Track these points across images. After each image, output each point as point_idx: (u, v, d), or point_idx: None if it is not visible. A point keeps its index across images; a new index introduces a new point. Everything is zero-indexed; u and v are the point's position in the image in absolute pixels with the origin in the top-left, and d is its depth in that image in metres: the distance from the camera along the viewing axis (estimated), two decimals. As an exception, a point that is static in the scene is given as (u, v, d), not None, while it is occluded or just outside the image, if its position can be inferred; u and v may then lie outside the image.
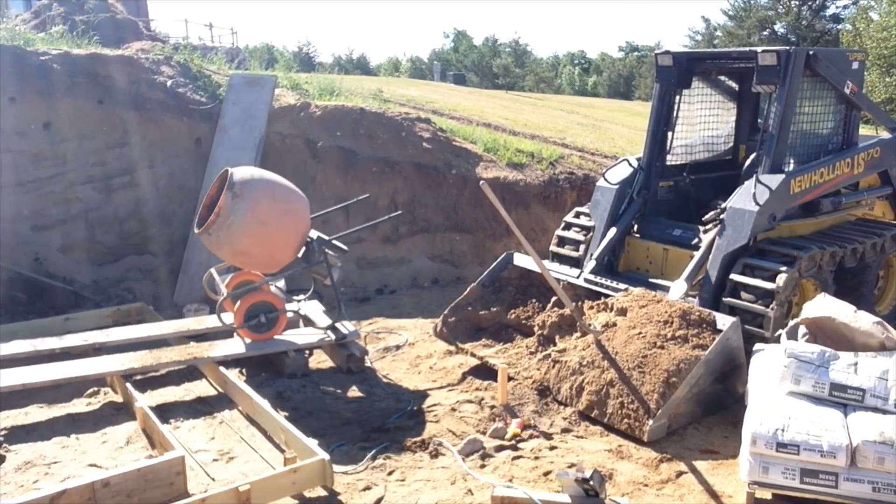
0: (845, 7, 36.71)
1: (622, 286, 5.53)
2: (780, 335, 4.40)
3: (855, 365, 3.83)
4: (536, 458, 4.24)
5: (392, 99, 12.39)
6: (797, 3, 37.77)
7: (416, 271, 8.30)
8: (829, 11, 37.74)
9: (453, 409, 4.84)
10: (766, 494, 3.74)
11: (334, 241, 5.52)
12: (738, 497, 3.83)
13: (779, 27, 38.19)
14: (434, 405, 4.96)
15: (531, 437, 4.50)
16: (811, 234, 5.73)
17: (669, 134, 6.33)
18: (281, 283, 6.13)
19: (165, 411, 4.82)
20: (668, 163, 6.47)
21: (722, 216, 5.45)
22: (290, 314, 5.76)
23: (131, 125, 7.58)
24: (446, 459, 4.24)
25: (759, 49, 5.55)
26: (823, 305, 4.29)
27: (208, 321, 5.89)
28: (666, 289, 5.37)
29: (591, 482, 3.52)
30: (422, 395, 5.17)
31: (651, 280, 5.85)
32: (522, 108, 17.79)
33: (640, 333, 4.80)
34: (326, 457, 3.85)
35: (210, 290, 5.92)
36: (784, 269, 5.01)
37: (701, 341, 4.66)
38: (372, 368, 5.68)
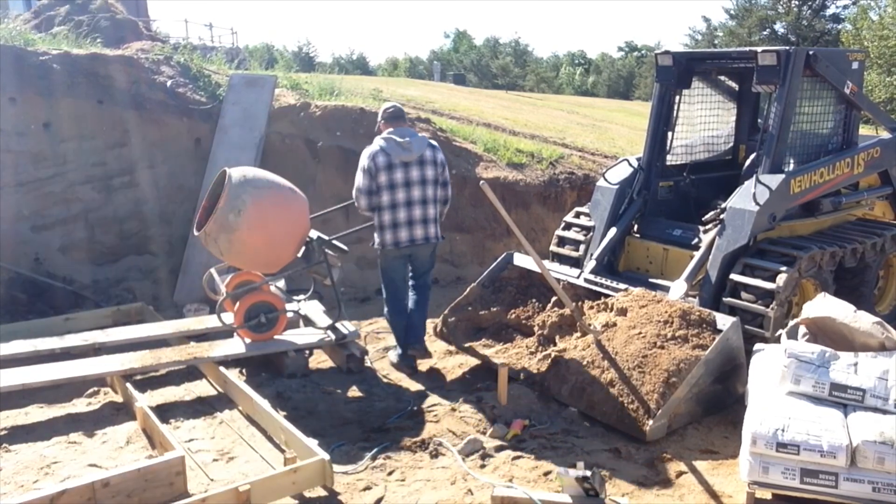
0: (845, 7, 36.79)
1: (622, 286, 5.52)
2: (780, 335, 4.41)
3: (855, 365, 3.83)
4: (536, 458, 4.24)
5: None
6: (797, 2, 37.81)
7: (416, 271, 8.29)
8: (829, 11, 37.83)
9: (453, 409, 4.83)
10: (766, 494, 3.73)
11: (334, 241, 5.52)
12: (738, 497, 3.82)
13: (779, 27, 38.26)
14: (434, 405, 4.96)
15: (531, 437, 4.50)
16: (811, 234, 5.73)
17: (669, 134, 6.33)
18: (281, 283, 6.12)
19: (165, 411, 4.81)
20: (668, 163, 6.47)
21: (722, 216, 5.45)
22: (290, 314, 5.75)
23: (131, 125, 7.56)
24: (446, 459, 4.24)
25: (758, 49, 5.55)
26: (823, 305, 4.29)
27: (208, 321, 5.89)
28: (666, 289, 5.37)
29: (591, 482, 3.52)
30: (422, 395, 5.17)
31: (651, 280, 5.85)
32: (522, 108, 17.79)
33: (640, 333, 4.80)
34: (326, 457, 3.85)
35: (210, 290, 5.92)
36: (784, 269, 5.01)
37: (701, 341, 4.66)
38: (372, 368, 5.67)
